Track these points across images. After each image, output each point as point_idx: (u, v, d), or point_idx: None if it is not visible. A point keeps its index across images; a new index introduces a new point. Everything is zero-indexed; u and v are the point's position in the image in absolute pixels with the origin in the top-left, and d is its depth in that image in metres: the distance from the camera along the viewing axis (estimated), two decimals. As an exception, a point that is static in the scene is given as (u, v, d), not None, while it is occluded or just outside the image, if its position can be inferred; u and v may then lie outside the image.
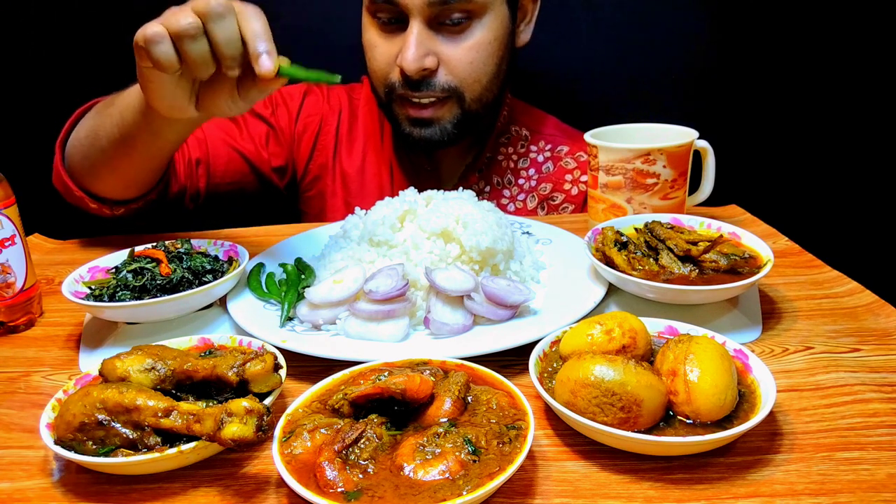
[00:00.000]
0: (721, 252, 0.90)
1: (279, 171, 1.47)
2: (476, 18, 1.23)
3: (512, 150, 1.45)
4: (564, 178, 1.43)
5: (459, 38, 1.23)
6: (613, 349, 0.70)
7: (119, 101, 1.08)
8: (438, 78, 1.24)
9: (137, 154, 1.11)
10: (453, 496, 0.54)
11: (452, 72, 1.25)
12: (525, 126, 1.47)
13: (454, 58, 1.24)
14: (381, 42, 1.27)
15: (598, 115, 1.36)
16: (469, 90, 1.27)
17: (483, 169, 1.44)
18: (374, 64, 1.29)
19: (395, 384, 0.63)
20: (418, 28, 1.20)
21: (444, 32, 1.23)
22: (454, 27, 1.22)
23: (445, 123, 1.29)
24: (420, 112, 1.28)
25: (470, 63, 1.25)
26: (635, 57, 1.74)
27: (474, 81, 1.27)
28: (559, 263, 1.04)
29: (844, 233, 1.81)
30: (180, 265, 0.93)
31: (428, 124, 1.29)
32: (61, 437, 0.64)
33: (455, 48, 1.23)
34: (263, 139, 1.44)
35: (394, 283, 0.86)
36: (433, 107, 1.27)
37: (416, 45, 1.20)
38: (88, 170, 1.17)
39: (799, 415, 0.69)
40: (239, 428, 0.59)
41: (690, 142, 1.11)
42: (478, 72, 1.26)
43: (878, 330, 0.85)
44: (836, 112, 1.78)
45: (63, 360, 0.89)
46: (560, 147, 1.45)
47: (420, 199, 1.02)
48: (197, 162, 1.37)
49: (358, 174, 1.45)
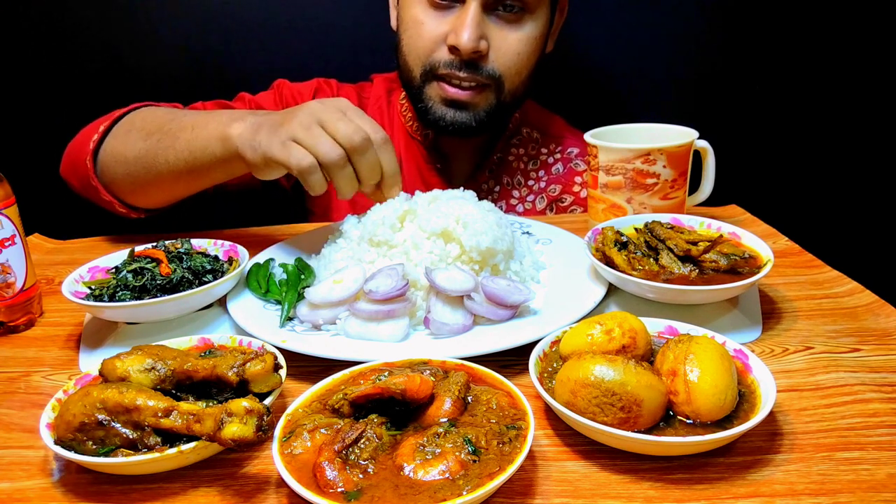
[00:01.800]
0: (721, 252, 0.90)
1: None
2: (528, 12, 1.25)
3: (523, 152, 1.45)
4: (574, 181, 1.43)
5: (512, 28, 1.25)
6: (613, 349, 0.70)
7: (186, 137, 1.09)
8: (487, 63, 1.25)
9: (200, 182, 1.16)
10: (453, 496, 0.54)
11: (500, 59, 1.25)
12: (536, 128, 1.47)
13: (504, 46, 1.25)
14: (429, 19, 1.26)
15: (599, 116, 1.36)
16: (510, 81, 1.28)
17: (493, 169, 1.44)
18: (419, 41, 1.28)
19: (395, 384, 0.63)
20: (476, 9, 1.20)
21: (497, 20, 1.24)
22: (508, 16, 1.23)
23: (480, 111, 1.29)
24: (459, 94, 1.27)
25: (518, 54, 1.26)
26: (635, 56, 1.74)
27: (516, 74, 1.28)
28: (559, 263, 1.04)
29: (844, 233, 1.81)
30: (180, 265, 0.93)
31: (463, 107, 1.29)
32: (61, 437, 0.64)
33: (507, 36, 1.24)
34: None
35: (394, 283, 0.86)
36: (473, 91, 1.27)
37: (474, 26, 1.20)
38: (132, 187, 1.20)
39: (799, 415, 0.69)
40: (239, 428, 0.59)
41: (690, 142, 1.11)
42: (521, 64, 1.27)
43: (878, 330, 0.85)
44: (835, 112, 1.78)
45: (63, 360, 0.89)
46: (570, 149, 1.46)
47: (420, 199, 1.02)
48: None
49: None
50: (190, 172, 1.11)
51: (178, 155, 1.10)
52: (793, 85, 1.76)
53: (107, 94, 1.74)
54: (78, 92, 1.74)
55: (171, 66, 1.73)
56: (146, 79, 1.74)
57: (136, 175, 1.16)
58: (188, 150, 1.09)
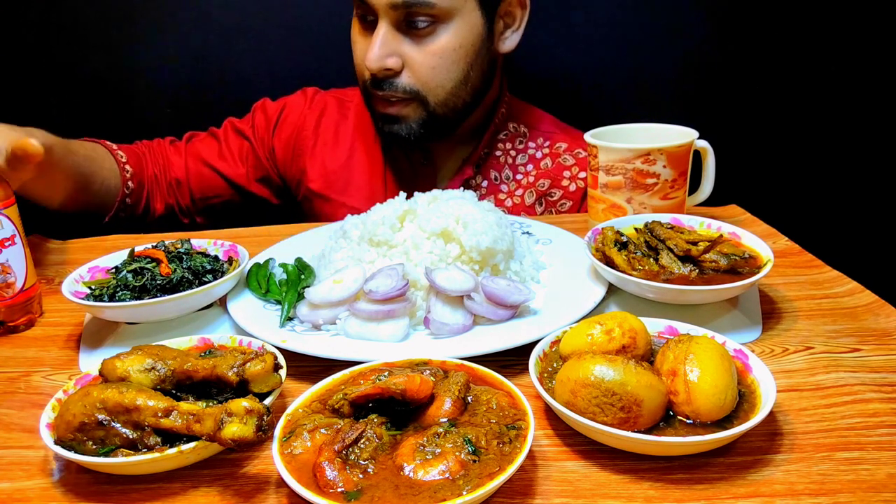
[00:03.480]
0: (721, 252, 0.90)
1: (265, 182, 1.52)
2: (441, 23, 1.24)
3: (510, 147, 1.45)
4: (562, 175, 1.43)
5: (424, 42, 1.25)
6: (613, 349, 0.70)
7: None
8: (401, 79, 1.27)
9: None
10: (453, 496, 0.54)
11: (415, 75, 1.26)
12: (523, 123, 1.47)
13: (416, 61, 1.25)
14: (359, 39, 1.31)
15: (599, 115, 1.36)
16: (432, 94, 1.28)
17: (479, 164, 1.44)
18: (356, 60, 1.33)
19: (395, 384, 0.63)
20: (385, 28, 1.23)
21: (410, 35, 1.25)
22: (420, 31, 1.24)
23: (411, 122, 1.31)
24: (386, 108, 1.31)
25: (432, 68, 1.26)
26: (635, 56, 1.74)
27: (437, 86, 1.28)
28: (559, 263, 1.04)
29: (844, 233, 1.81)
30: (180, 265, 0.93)
31: (395, 121, 1.32)
32: (61, 437, 0.64)
33: (418, 52, 1.25)
34: (243, 154, 1.50)
35: (394, 283, 0.86)
36: (398, 105, 1.30)
37: (379, 45, 1.23)
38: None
39: (799, 415, 0.69)
40: (239, 428, 0.59)
41: (690, 142, 1.11)
42: (440, 77, 1.27)
43: (878, 330, 0.85)
44: (836, 112, 1.78)
45: (63, 360, 0.89)
46: (558, 144, 1.45)
47: (420, 199, 1.02)
48: (177, 182, 1.47)
49: (344, 170, 1.47)
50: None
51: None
52: (793, 85, 1.76)
53: (107, 95, 1.75)
54: (78, 92, 1.74)
55: (172, 66, 1.73)
56: (147, 79, 1.74)
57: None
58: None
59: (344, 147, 1.48)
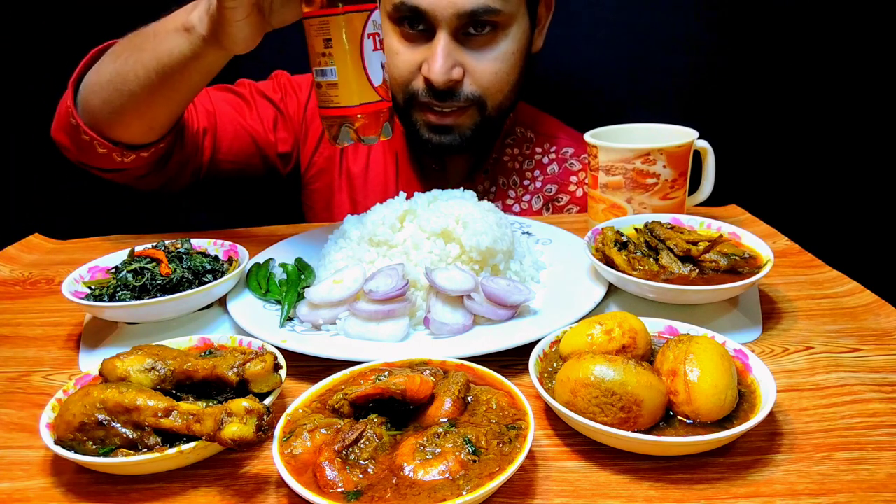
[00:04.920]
0: (721, 252, 0.90)
1: (284, 158, 1.47)
2: (501, 30, 1.24)
3: (518, 152, 1.46)
4: (569, 180, 1.44)
5: (485, 50, 1.24)
6: (613, 349, 0.70)
7: (150, 45, 1.05)
8: (464, 88, 1.25)
9: (176, 94, 1.10)
10: (453, 496, 0.54)
11: (477, 82, 1.25)
12: (530, 128, 1.48)
13: (479, 69, 1.24)
14: (403, 49, 1.26)
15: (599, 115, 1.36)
16: (491, 99, 1.28)
17: (489, 170, 1.45)
18: (395, 71, 1.28)
19: (395, 384, 0.63)
20: (446, 39, 1.20)
21: (469, 44, 1.23)
22: (481, 38, 1.22)
23: (465, 130, 1.30)
24: (442, 119, 1.28)
25: (495, 73, 1.25)
26: (635, 56, 1.74)
27: (497, 91, 1.28)
28: (559, 263, 1.04)
29: (844, 233, 1.81)
30: (180, 265, 0.93)
31: (448, 131, 1.29)
32: (61, 437, 0.64)
33: (481, 59, 1.24)
34: (271, 122, 1.43)
35: (394, 283, 0.86)
36: (455, 114, 1.28)
37: (444, 57, 1.20)
38: (109, 114, 1.13)
39: (799, 415, 0.69)
40: (239, 428, 0.59)
41: (690, 142, 1.11)
42: (501, 82, 1.27)
43: (878, 330, 0.85)
44: (835, 112, 1.78)
45: (63, 360, 0.89)
46: (565, 149, 1.46)
47: (420, 199, 1.02)
48: (204, 131, 1.34)
49: (362, 171, 1.45)
50: (163, 83, 1.05)
51: (147, 66, 1.04)
52: (793, 85, 1.76)
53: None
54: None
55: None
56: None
57: (111, 100, 1.10)
58: (155, 59, 1.04)
59: (364, 147, 1.46)
